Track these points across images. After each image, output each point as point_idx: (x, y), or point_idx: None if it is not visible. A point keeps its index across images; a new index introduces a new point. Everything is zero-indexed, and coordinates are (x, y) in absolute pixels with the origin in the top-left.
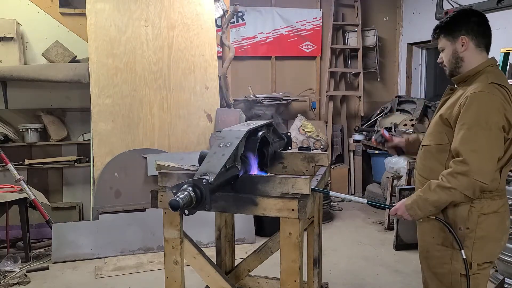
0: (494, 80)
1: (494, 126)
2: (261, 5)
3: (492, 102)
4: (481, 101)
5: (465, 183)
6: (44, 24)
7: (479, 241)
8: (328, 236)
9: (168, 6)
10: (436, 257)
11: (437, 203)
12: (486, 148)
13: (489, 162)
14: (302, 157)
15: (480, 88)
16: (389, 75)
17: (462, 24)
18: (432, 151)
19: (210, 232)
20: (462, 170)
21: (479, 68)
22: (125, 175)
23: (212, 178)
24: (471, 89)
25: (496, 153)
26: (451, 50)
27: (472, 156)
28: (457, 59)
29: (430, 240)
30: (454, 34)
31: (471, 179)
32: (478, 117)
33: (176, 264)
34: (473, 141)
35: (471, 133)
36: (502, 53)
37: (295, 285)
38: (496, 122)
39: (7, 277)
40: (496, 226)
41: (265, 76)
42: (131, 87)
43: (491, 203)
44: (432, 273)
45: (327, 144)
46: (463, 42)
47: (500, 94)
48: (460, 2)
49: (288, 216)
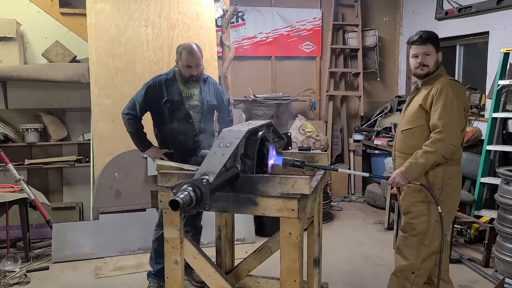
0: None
1: (458, 107)
2: (261, 5)
3: (456, 90)
4: (449, 90)
5: (443, 147)
6: (44, 24)
7: (447, 196)
8: (328, 236)
9: (168, 6)
10: (415, 211)
11: (425, 165)
12: (454, 122)
13: (457, 131)
14: (302, 157)
15: (447, 82)
16: (389, 75)
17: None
18: (413, 132)
19: (210, 232)
20: (440, 137)
21: (439, 72)
22: (125, 175)
23: (212, 178)
24: (438, 84)
25: (460, 126)
26: (435, 57)
27: (446, 127)
28: (437, 65)
29: (411, 200)
30: (437, 47)
31: (446, 143)
32: (448, 101)
33: (176, 264)
34: (445, 117)
35: (444, 111)
36: (502, 53)
37: (295, 285)
38: (458, 104)
39: (7, 277)
40: (456, 185)
41: (265, 76)
42: (131, 87)
43: (455, 169)
44: (409, 223)
45: (327, 144)
46: (439, 54)
47: (459, 86)
48: (460, 2)
49: (288, 216)
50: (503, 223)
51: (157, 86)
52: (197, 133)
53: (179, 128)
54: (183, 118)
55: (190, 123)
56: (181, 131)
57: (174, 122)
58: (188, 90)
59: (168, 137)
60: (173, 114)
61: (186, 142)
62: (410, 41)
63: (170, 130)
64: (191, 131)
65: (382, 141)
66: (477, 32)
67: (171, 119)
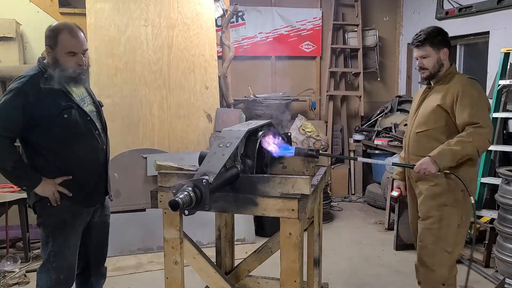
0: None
1: (486, 106)
2: (261, 4)
3: (477, 89)
4: (471, 89)
5: (481, 140)
6: (44, 24)
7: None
8: (328, 236)
9: (168, 5)
10: (436, 216)
11: (460, 153)
12: (487, 118)
13: (491, 127)
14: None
15: (466, 81)
16: (389, 75)
17: (442, 40)
18: (430, 134)
19: (210, 232)
20: (479, 130)
21: (451, 71)
22: (125, 175)
23: (212, 178)
24: (457, 84)
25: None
26: (436, 58)
27: (485, 123)
28: (440, 65)
29: (431, 203)
30: (438, 46)
31: (484, 137)
32: (474, 100)
33: (176, 264)
34: (479, 114)
35: (474, 109)
36: (502, 53)
37: (295, 285)
38: (486, 103)
39: (6, 277)
40: (473, 188)
41: (265, 76)
42: (131, 87)
43: (475, 170)
44: (429, 229)
45: (327, 144)
46: (444, 52)
47: (478, 84)
48: (460, 2)
49: (288, 216)
50: (503, 223)
51: (37, 90)
52: (106, 147)
53: (85, 146)
54: (86, 131)
55: (96, 136)
56: (87, 149)
57: (77, 138)
58: (76, 90)
59: (69, 161)
60: (74, 127)
61: (96, 163)
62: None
63: (71, 151)
64: (100, 147)
65: (382, 141)
66: (477, 32)
67: (71, 134)
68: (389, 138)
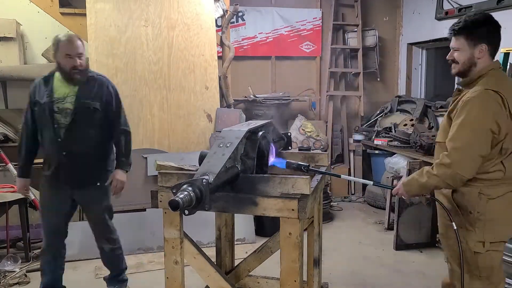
0: (490, 86)
1: (480, 127)
2: (261, 5)
3: (481, 107)
4: (472, 106)
5: (448, 174)
6: (44, 24)
7: (490, 223)
8: (328, 236)
9: (168, 6)
10: (453, 237)
11: (424, 185)
12: (467, 146)
13: (469, 158)
14: (302, 157)
15: (476, 94)
16: (389, 75)
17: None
18: (443, 146)
19: (210, 232)
20: (445, 162)
21: (483, 72)
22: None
23: (212, 178)
24: (469, 93)
25: (477, 151)
26: (468, 54)
27: (454, 152)
28: (472, 63)
29: (446, 222)
30: (475, 40)
31: (452, 171)
32: (466, 120)
33: (176, 264)
34: (458, 139)
35: (458, 133)
36: (502, 53)
37: (295, 285)
38: (483, 123)
39: (7, 277)
40: (504, 209)
41: (265, 76)
42: (131, 87)
43: (499, 190)
44: (453, 250)
45: (327, 144)
46: (481, 49)
47: (491, 100)
48: (460, 2)
49: (288, 216)
50: None
51: (37, 86)
52: (62, 140)
53: (45, 136)
54: (46, 123)
55: (54, 129)
56: (46, 139)
57: (42, 129)
58: (63, 90)
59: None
60: (40, 119)
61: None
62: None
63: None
64: (54, 139)
65: (382, 141)
66: None
67: (40, 125)
68: (389, 138)
